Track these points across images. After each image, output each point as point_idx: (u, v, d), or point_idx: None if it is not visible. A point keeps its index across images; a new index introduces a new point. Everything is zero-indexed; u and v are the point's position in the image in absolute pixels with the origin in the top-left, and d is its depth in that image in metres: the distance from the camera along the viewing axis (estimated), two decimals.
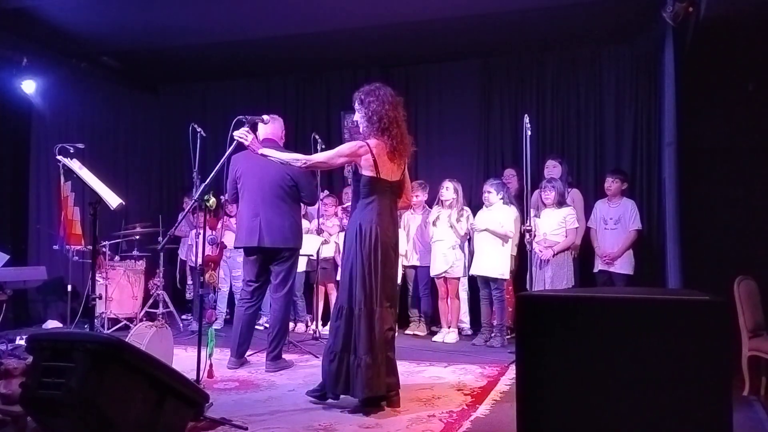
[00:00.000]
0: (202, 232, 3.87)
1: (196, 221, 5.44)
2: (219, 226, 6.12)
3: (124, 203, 3.90)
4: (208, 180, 3.77)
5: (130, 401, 2.64)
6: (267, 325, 5.49)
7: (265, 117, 4.29)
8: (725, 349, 1.84)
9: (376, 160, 3.76)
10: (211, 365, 3.94)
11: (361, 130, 3.95)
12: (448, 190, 6.18)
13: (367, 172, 3.79)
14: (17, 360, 3.45)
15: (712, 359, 1.80)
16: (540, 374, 2.06)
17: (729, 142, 5.82)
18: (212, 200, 3.64)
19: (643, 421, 1.90)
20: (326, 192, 7.01)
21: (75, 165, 3.85)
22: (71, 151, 4.11)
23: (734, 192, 5.83)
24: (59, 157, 3.95)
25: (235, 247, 5.34)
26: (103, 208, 3.94)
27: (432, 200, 6.56)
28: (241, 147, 4.01)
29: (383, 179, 3.81)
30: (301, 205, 5.84)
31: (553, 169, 6.27)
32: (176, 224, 3.92)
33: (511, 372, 4.76)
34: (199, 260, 3.99)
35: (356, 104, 3.94)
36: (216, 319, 3.90)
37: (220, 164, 3.91)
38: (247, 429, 3.40)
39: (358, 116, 3.95)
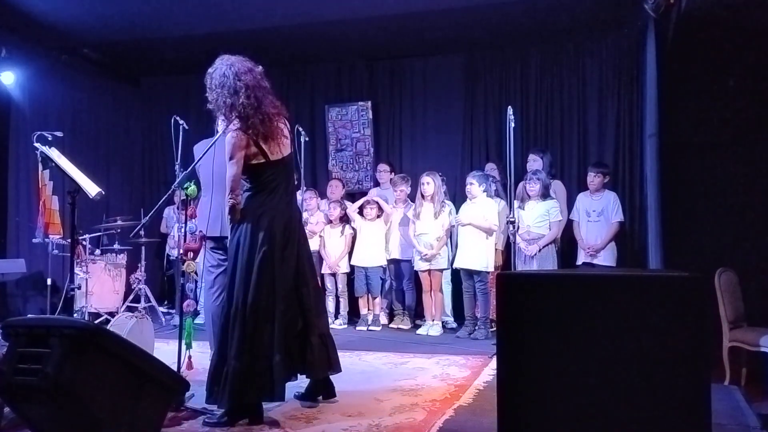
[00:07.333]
0: (183, 220, 3.82)
1: (177, 214, 5.38)
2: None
3: (103, 192, 3.84)
4: (189, 168, 3.71)
5: (108, 388, 2.60)
6: None
7: None
8: (705, 324, 1.85)
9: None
10: (189, 357, 3.86)
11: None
12: (429, 184, 6.17)
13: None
14: None
15: (692, 334, 1.81)
16: (520, 354, 2.06)
17: (710, 134, 5.86)
18: (192, 187, 3.59)
19: (624, 396, 1.90)
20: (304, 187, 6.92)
21: (54, 153, 3.79)
22: (49, 139, 4.05)
23: (715, 184, 5.87)
24: (37, 144, 3.88)
25: None
26: (82, 197, 3.88)
27: (414, 194, 6.53)
28: None
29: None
30: None
31: (533, 163, 6.29)
32: (151, 212, 3.84)
33: (495, 363, 4.76)
34: (181, 250, 3.93)
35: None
36: (194, 309, 3.81)
37: (204, 151, 3.87)
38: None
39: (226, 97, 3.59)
